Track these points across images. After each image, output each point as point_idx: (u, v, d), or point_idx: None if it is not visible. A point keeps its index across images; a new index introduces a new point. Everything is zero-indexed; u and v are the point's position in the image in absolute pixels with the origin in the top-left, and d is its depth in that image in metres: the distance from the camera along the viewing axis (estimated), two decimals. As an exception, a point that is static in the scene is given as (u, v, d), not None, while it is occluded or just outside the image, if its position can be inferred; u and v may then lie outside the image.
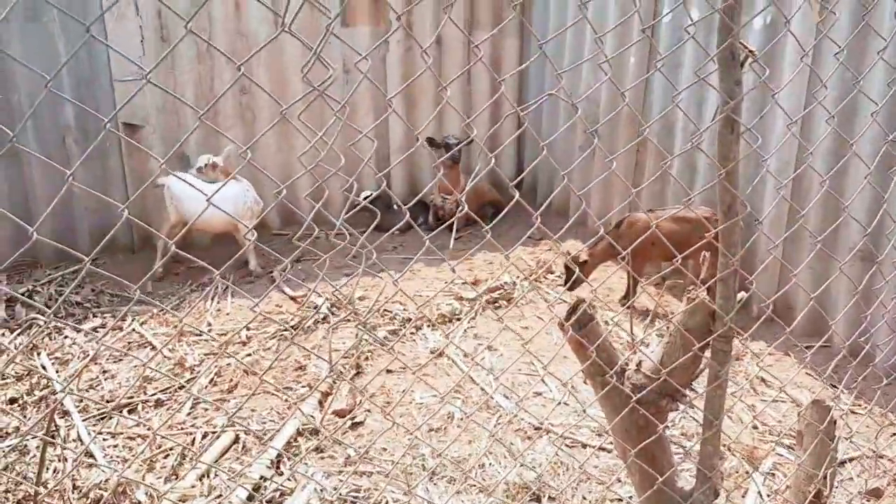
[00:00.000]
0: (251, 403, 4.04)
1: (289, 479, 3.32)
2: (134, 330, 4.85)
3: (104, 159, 6.08)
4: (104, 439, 3.71)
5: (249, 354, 4.57)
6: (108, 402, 4.03)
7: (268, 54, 6.26)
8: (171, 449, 3.55)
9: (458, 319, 5.09)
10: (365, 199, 6.38)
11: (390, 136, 7.12)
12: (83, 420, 3.79)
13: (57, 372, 4.31)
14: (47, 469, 3.36)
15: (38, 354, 4.47)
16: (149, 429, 3.75)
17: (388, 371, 4.39)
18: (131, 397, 4.06)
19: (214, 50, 5.99)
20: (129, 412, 3.98)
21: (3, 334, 4.77)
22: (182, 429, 3.80)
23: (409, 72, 6.93)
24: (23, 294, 5.27)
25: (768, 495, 3.32)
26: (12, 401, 3.98)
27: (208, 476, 3.34)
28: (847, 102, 4.02)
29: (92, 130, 5.94)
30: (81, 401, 3.95)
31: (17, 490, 3.21)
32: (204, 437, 3.72)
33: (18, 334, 4.79)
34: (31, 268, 5.80)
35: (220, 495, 3.21)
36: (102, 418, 3.86)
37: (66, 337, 4.69)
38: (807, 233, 4.57)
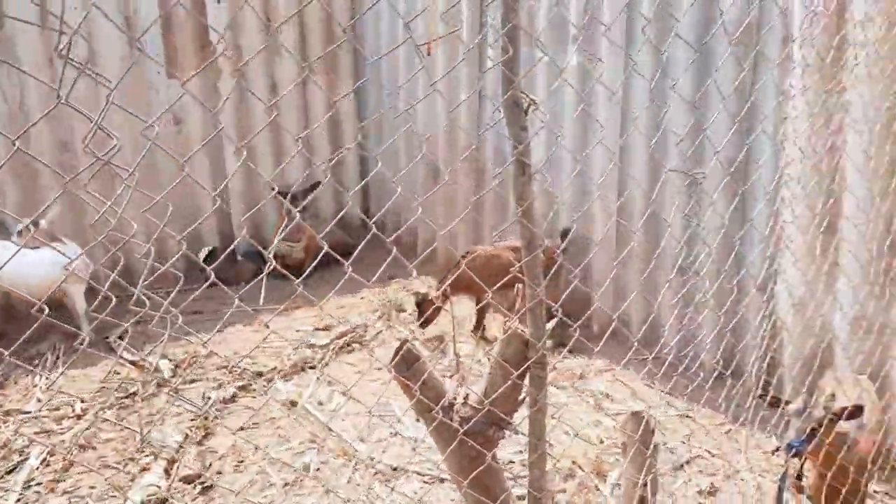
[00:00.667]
0: (89, 480, 3.77)
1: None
2: (-51, 415, 4.40)
3: None
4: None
5: (88, 428, 4.26)
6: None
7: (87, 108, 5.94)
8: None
9: (312, 367, 5.02)
10: (208, 253, 6.23)
11: (229, 186, 6.92)
12: None
13: None
14: None
15: None
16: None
17: (242, 428, 4.25)
18: (-52, 491, 3.68)
19: (28, 107, 5.64)
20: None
21: None
22: (11, 519, 3.49)
23: (243, 119, 6.77)
24: None
25: (615, 505, 3.51)
26: None
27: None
28: (658, 138, 4.41)
29: None
30: None
31: None
32: (36, 524, 3.44)
33: None
34: None
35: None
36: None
37: None
38: (634, 253, 4.94)
